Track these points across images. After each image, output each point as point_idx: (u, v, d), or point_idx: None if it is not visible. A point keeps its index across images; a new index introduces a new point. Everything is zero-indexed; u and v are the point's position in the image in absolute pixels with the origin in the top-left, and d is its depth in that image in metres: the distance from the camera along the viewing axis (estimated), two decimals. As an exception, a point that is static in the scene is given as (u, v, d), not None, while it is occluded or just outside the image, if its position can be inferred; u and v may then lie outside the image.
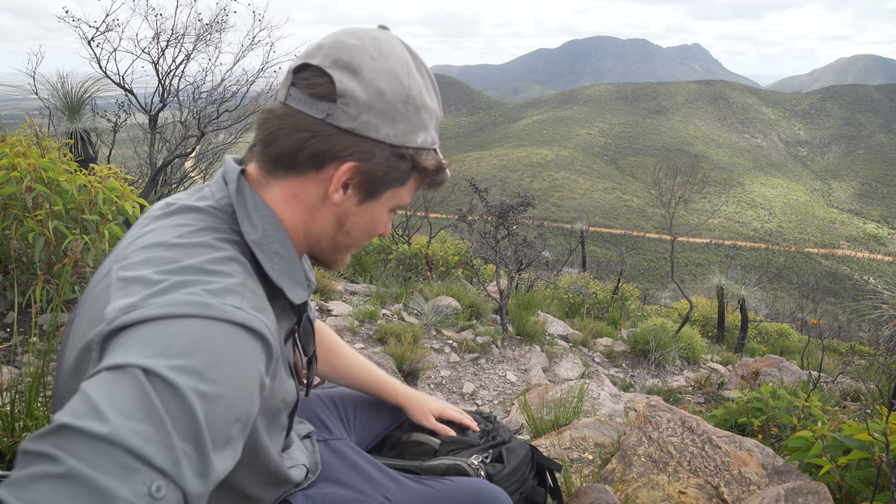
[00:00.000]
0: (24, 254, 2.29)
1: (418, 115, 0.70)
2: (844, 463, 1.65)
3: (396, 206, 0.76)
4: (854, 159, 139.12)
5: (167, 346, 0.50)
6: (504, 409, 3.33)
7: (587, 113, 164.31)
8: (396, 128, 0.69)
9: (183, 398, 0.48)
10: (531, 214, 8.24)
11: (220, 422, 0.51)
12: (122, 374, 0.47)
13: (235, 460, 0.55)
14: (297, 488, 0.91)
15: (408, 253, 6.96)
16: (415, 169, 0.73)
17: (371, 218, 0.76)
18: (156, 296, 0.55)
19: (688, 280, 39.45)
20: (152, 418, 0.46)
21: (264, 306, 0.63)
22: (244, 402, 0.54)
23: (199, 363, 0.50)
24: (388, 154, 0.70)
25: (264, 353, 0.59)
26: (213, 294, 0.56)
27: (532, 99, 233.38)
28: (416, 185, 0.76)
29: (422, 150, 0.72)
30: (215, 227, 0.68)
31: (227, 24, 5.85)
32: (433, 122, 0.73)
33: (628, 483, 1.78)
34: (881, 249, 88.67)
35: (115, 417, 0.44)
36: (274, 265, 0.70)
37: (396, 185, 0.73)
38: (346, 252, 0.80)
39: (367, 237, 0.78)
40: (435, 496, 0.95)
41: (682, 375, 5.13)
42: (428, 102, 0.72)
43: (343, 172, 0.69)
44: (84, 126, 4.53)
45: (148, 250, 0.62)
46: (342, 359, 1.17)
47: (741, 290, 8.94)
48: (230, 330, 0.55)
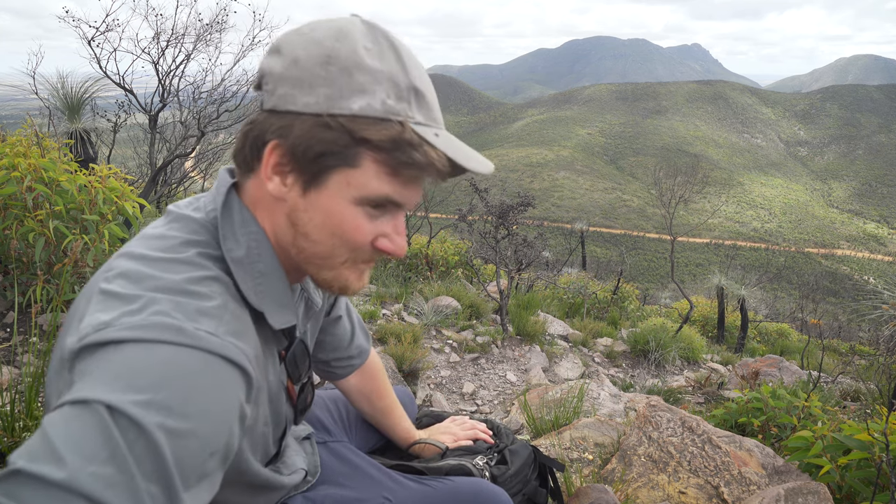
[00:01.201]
0: (24, 254, 2.29)
1: (349, 78, 0.58)
2: (844, 463, 1.65)
3: (364, 199, 0.61)
4: (854, 159, 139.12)
5: (134, 377, 0.47)
6: (504, 409, 3.33)
7: (587, 113, 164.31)
8: (316, 94, 0.59)
9: (149, 437, 0.45)
10: (531, 214, 8.24)
11: (191, 458, 0.48)
12: (83, 409, 0.45)
13: (213, 494, 0.52)
14: (296, 491, 0.91)
15: (408, 253, 6.96)
16: (360, 144, 0.59)
17: (327, 214, 0.62)
18: (128, 315, 0.52)
19: (688, 280, 39.47)
20: (115, 460, 0.43)
21: (244, 331, 0.59)
22: (220, 436, 0.51)
23: (167, 397, 0.47)
24: (309, 125, 0.59)
25: (243, 382, 0.55)
26: (186, 317, 0.53)
27: (532, 99, 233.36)
28: (380, 167, 0.60)
29: (361, 118, 0.59)
30: (201, 242, 0.63)
31: (227, 24, 5.86)
32: (383, 87, 0.59)
33: (628, 483, 1.78)
34: (881, 249, 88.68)
35: (73, 461, 0.42)
36: (258, 285, 0.64)
37: (343, 167, 0.60)
38: (329, 267, 0.66)
39: (340, 243, 0.64)
40: (435, 496, 0.95)
41: (682, 375, 5.13)
42: (369, 63, 0.59)
43: (268, 154, 0.62)
44: (84, 126, 4.53)
45: (130, 261, 0.59)
46: (381, 400, 1.15)
47: (741, 290, 8.94)
48: (203, 359, 0.51)
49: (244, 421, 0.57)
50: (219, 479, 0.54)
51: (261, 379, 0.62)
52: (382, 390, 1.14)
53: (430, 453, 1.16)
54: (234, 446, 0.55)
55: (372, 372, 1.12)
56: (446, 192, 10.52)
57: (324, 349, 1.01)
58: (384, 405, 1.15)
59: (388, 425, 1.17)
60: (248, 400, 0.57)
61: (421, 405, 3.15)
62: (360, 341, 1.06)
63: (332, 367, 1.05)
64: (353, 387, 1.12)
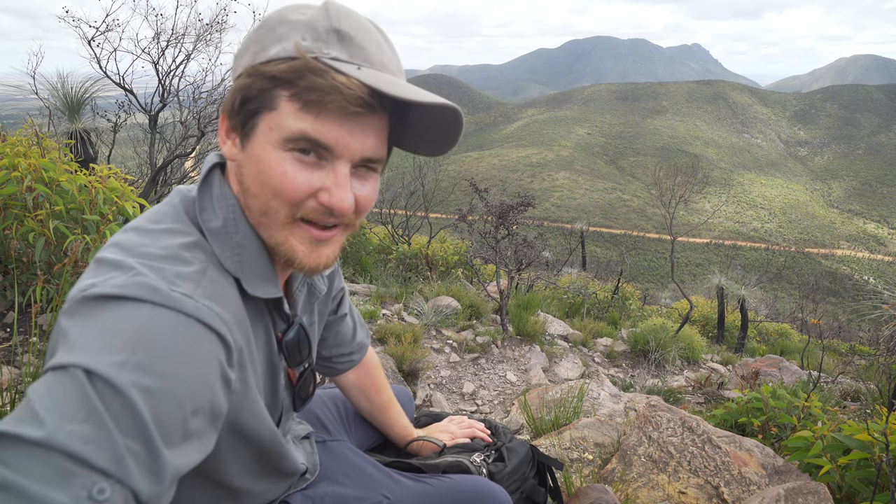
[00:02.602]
0: (24, 254, 2.29)
1: (271, 33, 0.62)
2: (844, 463, 1.65)
3: (284, 139, 0.60)
4: (854, 159, 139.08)
5: (111, 338, 0.49)
6: (504, 409, 3.33)
7: (587, 113, 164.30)
8: (248, 55, 0.64)
9: (124, 396, 0.46)
10: (531, 214, 8.24)
11: (170, 416, 0.49)
12: (63, 374, 0.47)
13: (204, 453, 0.54)
14: (295, 488, 0.91)
15: (408, 253, 6.96)
16: (273, 84, 0.60)
17: (257, 162, 0.62)
18: (112, 278, 0.55)
19: (688, 280, 39.44)
20: (93, 419, 0.45)
21: (222, 295, 0.60)
22: (199, 395, 0.52)
23: (142, 357, 0.49)
24: (240, 81, 0.63)
25: (220, 343, 0.57)
26: (165, 280, 0.55)
27: (532, 99, 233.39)
28: (293, 103, 0.60)
29: (274, 61, 0.61)
30: (190, 214, 0.67)
31: (228, 23, 5.85)
32: (299, 32, 0.61)
33: (628, 483, 1.78)
34: (881, 249, 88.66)
35: (52, 420, 0.43)
36: (236, 255, 0.65)
37: (264, 111, 0.61)
38: (274, 227, 0.65)
39: (272, 193, 0.62)
40: (434, 494, 0.95)
41: (682, 375, 5.13)
42: (291, 17, 0.62)
43: (220, 121, 0.67)
44: (84, 126, 4.53)
45: (125, 232, 0.63)
46: (379, 396, 1.15)
47: (741, 290, 8.94)
48: (178, 319, 0.53)
49: (229, 383, 0.58)
50: (210, 439, 0.55)
51: (242, 343, 0.63)
52: (380, 386, 1.15)
53: (428, 451, 1.16)
54: (222, 407, 0.56)
55: (369, 368, 1.13)
56: (446, 192, 10.53)
57: (326, 346, 1.02)
58: (381, 401, 1.15)
59: (386, 422, 1.17)
60: (229, 363, 0.58)
61: (421, 405, 3.16)
62: (360, 337, 1.07)
63: (334, 362, 1.06)
64: (350, 382, 1.12)
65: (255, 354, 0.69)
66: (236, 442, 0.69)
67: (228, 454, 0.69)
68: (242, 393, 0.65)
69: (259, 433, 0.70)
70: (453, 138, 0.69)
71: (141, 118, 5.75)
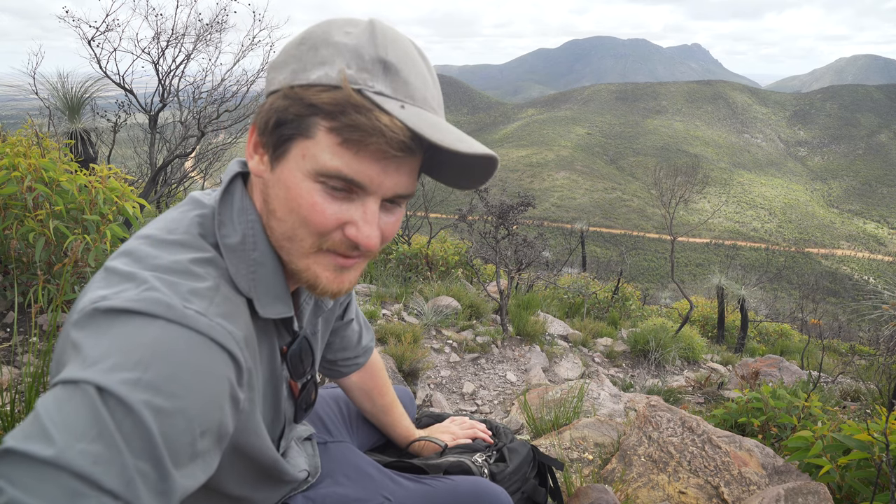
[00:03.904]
0: (24, 254, 2.29)
1: (314, 53, 0.59)
2: (844, 463, 1.65)
3: (317, 172, 0.58)
4: (854, 159, 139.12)
5: (123, 355, 0.48)
6: (504, 409, 3.33)
7: (587, 113, 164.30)
8: (286, 71, 0.60)
9: (136, 415, 0.45)
10: (531, 214, 8.24)
11: (180, 437, 0.48)
12: (74, 390, 0.45)
13: (208, 474, 0.53)
14: (297, 490, 0.91)
15: (408, 253, 6.96)
16: (312, 111, 0.57)
17: (286, 188, 0.60)
18: (124, 290, 0.53)
19: (688, 280, 39.47)
20: (103, 438, 0.44)
21: (234, 314, 0.59)
22: (209, 415, 0.51)
23: (155, 376, 0.48)
24: (273, 99, 0.61)
25: (231, 363, 0.56)
26: (178, 296, 0.54)
27: (532, 99, 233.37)
28: (331, 137, 0.57)
29: (315, 86, 0.58)
30: (205, 227, 0.65)
31: (227, 24, 5.86)
32: (344, 58, 0.58)
33: (628, 483, 1.78)
34: (881, 249, 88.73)
35: (62, 439, 0.42)
36: (251, 273, 0.64)
37: (299, 137, 0.59)
38: (297, 253, 0.64)
39: (299, 221, 0.61)
40: (435, 495, 0.95)
41: (682, 375, 5.13)
42: (336, 39, 0.58)
43: (249, 135, 0.65)
44: (84, 126, 4.53)
45: (137, 240, 0.61)
46: (382, 397, 1.15)
47: (741, 290, 8.94)
48: (191, 338, 0.52)
49: (237, 403, 0.57)
50: (214, 459, 0.54)
51: (252, 363, 0.62)
52: (383, 388, 1.15)
53: (430, 451, 1.17)
54: (228, 427, 0.55)
55: (373, 370, 1.13)
56: (446, 192, 10.53)
57: (332, 350, 1.02)
58: (384, 402, 1.15)
59: (388, 423, 1.17)
60: (239, 383, 0.57)
61: (421, 405, 3.16)
62: (366, 341, 1.07)
63: (339, 366, 1.06)
64: (354, 384, 1.12)
65: (259, 371, 0.68)
66: (238, 459, 0.68)
67: (228, 468, 0.68)
68: (249, 412, 0.65)
69: (260, 451, 0.70)
70: (485, 179, 0.67)
71: (141, 118, 5.75)
